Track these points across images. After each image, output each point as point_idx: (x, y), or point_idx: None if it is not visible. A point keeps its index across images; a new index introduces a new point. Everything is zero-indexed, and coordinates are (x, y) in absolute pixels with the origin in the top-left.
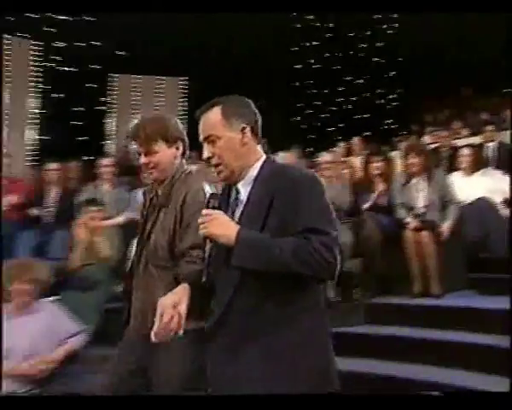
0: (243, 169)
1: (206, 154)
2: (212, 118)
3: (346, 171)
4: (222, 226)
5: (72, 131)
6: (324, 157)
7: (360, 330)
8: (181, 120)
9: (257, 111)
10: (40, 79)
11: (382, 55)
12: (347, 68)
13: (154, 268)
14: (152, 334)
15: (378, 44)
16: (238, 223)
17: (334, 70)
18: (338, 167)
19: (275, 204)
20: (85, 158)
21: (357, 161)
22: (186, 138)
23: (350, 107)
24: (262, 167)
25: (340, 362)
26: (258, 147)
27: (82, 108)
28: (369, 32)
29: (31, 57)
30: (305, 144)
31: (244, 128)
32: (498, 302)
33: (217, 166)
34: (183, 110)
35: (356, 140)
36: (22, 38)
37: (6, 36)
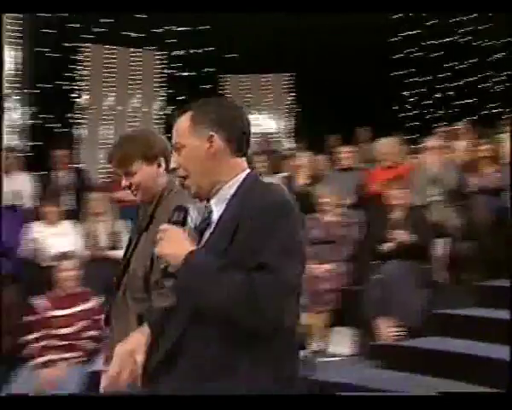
0: (214, 185)
1: (172, 164)
2: (181, 124)
3: (451, 155)
4: (175, 245)
5: None
6: (430, 142)
7: (468, 313)
8: (287, 115)
9: (242, 119)
10: (164, 85)
11: (487, 37)
12: (450, 54)
13: (129, 299)
14: (102, 383)
15: (482, 27)
16: (204, 246)
17: (437, 57)
18: (444, 152)
19: (239, 231)
20: None
21: (462, 145)
22: (170, 153)
23: (453, 92)
24: (240, 186)
25: (447, 343)
26: (240, 160)
27: None
28: (472, 16)
29: (156, 66)
30: (409, 132)
31: (212, 136)
32: None
33: (183, 178)
34: (290, 106)
35: (460, 124)
36: (149, 51)
37: (136, 49)
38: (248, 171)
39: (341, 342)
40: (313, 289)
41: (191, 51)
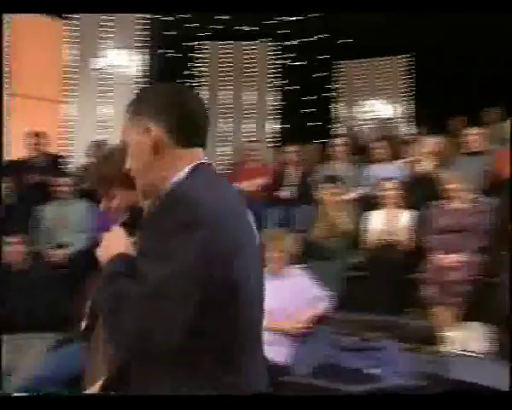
0: (160, 182)
1: (125, 165)
2: (124, 120)
3: None
4: (107, 250)
5: (305, 118)
6: None
7: None
8: (406, 98)
9: (187, 104)
10: (278, 76)
11: None
12: None
13: None
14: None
15: None
16: None
17: None
18: None
19: None
20: (319, 141)
21: None
22: None
23: None
24: (178, 182)
25: None
26: (189, 151)
27: (313, 97)
28: None
29: (269, 58)
30: None
31: (149, 128)
32: None
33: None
34: (408, 89)
35: None
36: (262, 43)
37: (250, 42)
38: (195, 163)
39: (474, 339)
40: (441, 281)
41: (304, 40)
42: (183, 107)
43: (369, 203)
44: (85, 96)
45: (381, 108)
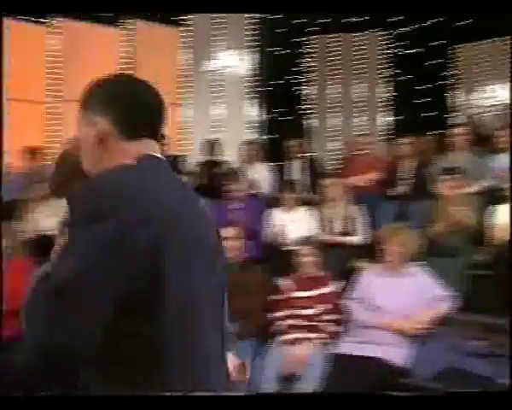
0: None
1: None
2: (78, 115)
3: None
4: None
5: (420, 109)
6: None
7: None
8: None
9: (136, 94)
10: (388, 66)
11: None
12: None
13: None
14: None
15: None
16: None
17: None
18: None
19: None
20: (435, 131)
21: None
22: None
23: None
24: None
25: None
26: (137, 143)
27: (427, 86)
28: None
29: (380, 48)
30: None
31: (96, 120)
32: None
33: None
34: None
35: None
36: (372, 33)
37: (359, 34)
38: (139, 156)
39: None
40: None
41: (416, 26)
42: (128, 97)
43: (493, 196)
44: (199, 97)
45: (504, 93)
